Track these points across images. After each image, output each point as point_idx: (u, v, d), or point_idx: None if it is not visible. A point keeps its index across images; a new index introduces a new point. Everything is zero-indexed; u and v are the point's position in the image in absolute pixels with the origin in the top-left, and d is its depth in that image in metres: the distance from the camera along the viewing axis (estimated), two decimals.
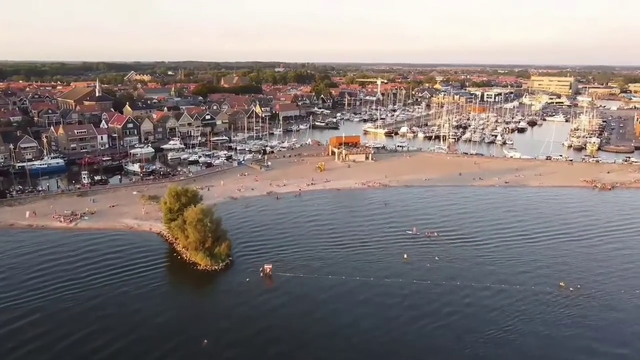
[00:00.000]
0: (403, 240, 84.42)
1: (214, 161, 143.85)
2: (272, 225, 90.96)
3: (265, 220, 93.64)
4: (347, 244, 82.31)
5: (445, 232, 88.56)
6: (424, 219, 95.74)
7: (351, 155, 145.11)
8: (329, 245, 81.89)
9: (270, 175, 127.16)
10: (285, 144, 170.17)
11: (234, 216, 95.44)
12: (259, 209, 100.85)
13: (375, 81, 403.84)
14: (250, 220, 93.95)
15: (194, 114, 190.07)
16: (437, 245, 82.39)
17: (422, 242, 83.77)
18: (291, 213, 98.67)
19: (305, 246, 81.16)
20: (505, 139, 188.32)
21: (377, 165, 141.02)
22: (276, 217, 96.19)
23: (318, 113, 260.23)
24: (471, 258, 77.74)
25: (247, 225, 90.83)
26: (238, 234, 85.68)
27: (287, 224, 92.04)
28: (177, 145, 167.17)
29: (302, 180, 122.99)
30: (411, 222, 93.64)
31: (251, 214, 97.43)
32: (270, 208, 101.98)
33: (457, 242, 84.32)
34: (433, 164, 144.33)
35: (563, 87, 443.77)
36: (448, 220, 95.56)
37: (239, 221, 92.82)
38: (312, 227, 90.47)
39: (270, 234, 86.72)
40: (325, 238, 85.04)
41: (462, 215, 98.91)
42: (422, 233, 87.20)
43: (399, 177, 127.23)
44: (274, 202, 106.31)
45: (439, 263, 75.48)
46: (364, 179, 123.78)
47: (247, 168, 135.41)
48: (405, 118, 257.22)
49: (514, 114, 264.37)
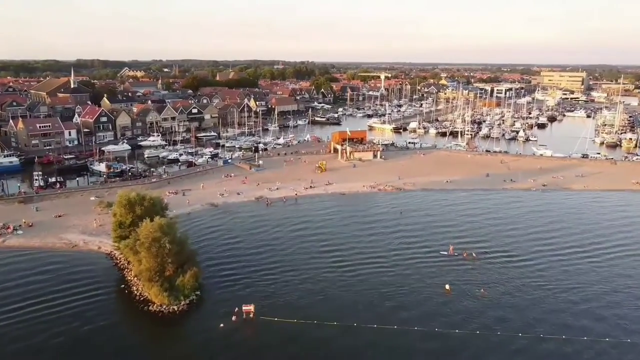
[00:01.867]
0: (434, 264, 63.73)
1: (196, 160, 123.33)
2: (259, 242, 70.34)
3: (250, 235, 73.06)
4: (358, 270, 61.66)
5: (485, 251, 67.99)
6: (453, 233, 75.19)
7: (357, 153, 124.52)
8: (334, 272, 61.25)
9: (262, 177, 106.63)
10: (281, 141, 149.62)
11: (210, 230, 74.86)
12: (244, 220, 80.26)
13: (379, 76, 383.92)
14: (230, 234, 73.31)
15: (179, 107, 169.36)
16: (482, 270, 61.78)
17: (460, 265, 63.14)
18: (284, 225, 78.09)
19: (301, 274, 60.53)
20: (528, 135, 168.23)
21: (388, 165, 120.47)
22: (265, 230, 75.60)
23: (318, 108, 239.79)
24: (536, 288, 57.01)
25: (226, 243, 70.19)
26: (212, 255, 65.17)
27: (278, 241, 71.42)
28: (158, 141, 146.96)
29: (299, 182, 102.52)
30: (437, 236, 73.16)
31: (233, 227, 76.81)
32: (258, 218, 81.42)
33: (507, 265, 63.60)
34: (452, 163, 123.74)
35: (574, 82, 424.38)
36: (484, 235, 74.98)
37: (215, 237, 72.22)
38: (310, 245, 69.89)
39: (255, 254, 66.08)
40: (329, 261, 64.39)
41: (500, 228, 78.30)
42: (459, 254, 66.60)
43: (414, 178, 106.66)
44: (263, 210, 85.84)
45: (499, 299, 54.72)
46: (372, 181, 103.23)
47: (235, 168, 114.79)
48: (413, 113, 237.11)
49: (531, 109, 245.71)
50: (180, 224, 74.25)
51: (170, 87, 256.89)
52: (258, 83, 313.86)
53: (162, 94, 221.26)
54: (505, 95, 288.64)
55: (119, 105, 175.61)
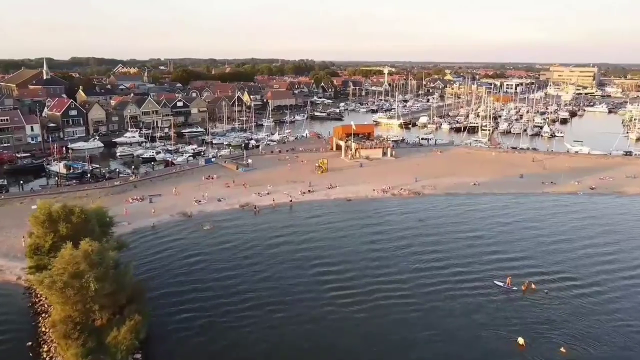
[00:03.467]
0: (484, 299, 45.72)
1: (175, 159, 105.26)
2: (239, 269, 52.33)
3: (228, 258, 55.03)
4: (372, 308, 43.68)
5: (542, 277, 49.98)
6: (492, 250, 57.32)
7: (364, 151, 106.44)
8: (338, 311, 43.27)
9: (250, 179, 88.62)
10: (276, 137, 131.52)
11: (176, 250, 56.82)
12: (223, 235, 62.21)
13: (381, 71, 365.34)
14: (202, 256, 55.26)
15: (162, 100, 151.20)
16: (547, 308, 43.73)
17: (521, 301, 45.10)
18: (274, 242, 60.12)
19: (293, 316, 42.56)
20: (553, 131, 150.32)
21: (400, 164, 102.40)
22: (249, 250, 57.57)
23: (318, 103, 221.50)
24: (620, 332, 39.17)
25: (195, 270, 52.09)
26: (172, 290, 47.20)
27: (264, 265, 53.38)
28: (136, 138, 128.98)
29: (295, 185, 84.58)
30: (471, 253, 55.18)
31: (206, 245, 58.72)
32: (241, 232, 63.40)
33: (575, 296, 45.48)
34: (476, 162, 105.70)
35: (586, 78, 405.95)
36: (531, 251, 57.03)
37: (181, 260, 54.14)
38: (307, 272, 51.92)
39: (232, 287, 48.11)
40: (331, 296, 46.40)
41: (549, 242, 60.33)
42: (517, 286, 48.51)
43: (434, 180, 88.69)
44: (249, 221, 67.83)
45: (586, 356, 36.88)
46: (384, 184, 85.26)
47: (219, 168, 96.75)
48: (421, 108, 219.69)
49: (547, 104, 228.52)
50: (137, 242, 56.49)
51: (158, 80, 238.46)
52: (255, 78, 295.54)
53: (147, 87, 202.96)
54: (515, 90, 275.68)
55: (96, 98, 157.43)
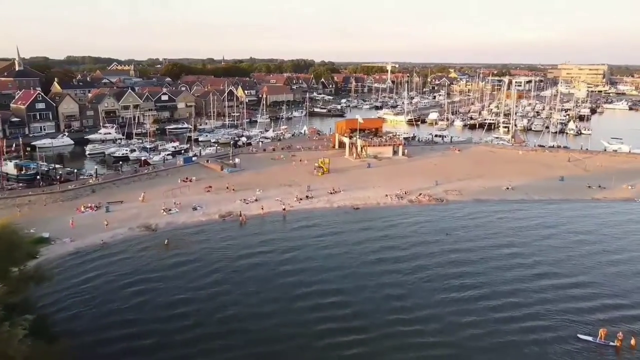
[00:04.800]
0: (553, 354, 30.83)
1: (151, 158, 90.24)
2: (197, 302, 37.26)
3: (186, 288, 39.93)
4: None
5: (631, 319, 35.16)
6: (547, 278, 42.45)
7: (371, 148, 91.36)
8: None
9: (237, 181, 73.57)
10: (270, 134, 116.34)
11: (118, 280, 41.61)
12: (190, 255, 47.05)
13: (384, 68, 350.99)
14: (150, 287, 40.15)
15: (145, 93, 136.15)
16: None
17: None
18: (256, 263, 45.03)
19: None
20: (579, 128, 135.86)
21: (415, 165, 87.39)
22: (219, 274, 42.49)
23: (318, 99, 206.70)
24: None
25: (134, 307, 36.99)
26: (97, 339, 32.09)
27: (237, 298, 38.31)
28: (112, 134, 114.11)
29: (291, 189, 69.60)
30: (524, 285, 40.21)
31: (161, 271, 43.54)
32: (216, 250, 48.29)
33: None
34: (502, 161, 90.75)
35: (595, 76, 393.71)
36: (610, 284, 42.05)
37: (121, 294, 39.00)
38: (297, 304, 36.84)
39: (182, 332, 33.04)
40: (334, 349, 31.37)
41: (620, 264, 45.41)
42: (606, 339, 33.53)
43: (457, 183, 73.72)
44: (231, 235, 52.77)
45: None
46: (398, 188, 70.20)
47: (200, 169, 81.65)
48: (428, 105, 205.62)
49: (562, 101, 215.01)
50: (73, 267, 41.70)
51: (146, 74, 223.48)
52: (251, 74, 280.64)
53: (133, 81, 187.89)
54: (524, 88, 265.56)
55: (72, 91, 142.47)
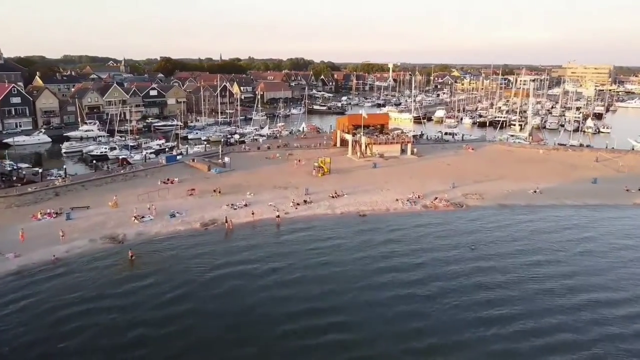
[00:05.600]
0: None
1: (132, 156, 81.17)
2: (171, 346, 28.17)
3: (152, 325, 30.83)
4: None
5: None
6: (604, 306, 33.47)
7: (377, 147, 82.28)
8: None
9: (225, 183, 64.49)
10: (265, 131, 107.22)
11: (63, 308, 32.54)
12: (163, 273, 37.94)
13: (384, 67, 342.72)
14: (95, 320, 31.06)
15: (132, 88, 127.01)
16: None
17: None
18: (242, 289, 35.98)
19: None
20: (598, 126, 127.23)
21: (426, 164, 78.30)
22: (200, 299, 33.44)
23: (317, 96, 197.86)
24: None
25: (66, 351, 27.90)
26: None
27: (221, 337, 29.25)
28: (95, 131, 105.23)
29: (286, 192, 60.56)
30: (574, 316, 31.19)
31: (123, 298, 34.52)
32: (194, 268, 39.18)
33: None
34: (522, 161, 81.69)
35: (601, 75, 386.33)
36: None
37: (63, 335, 29.85)
38: (285, 342, 27.85)
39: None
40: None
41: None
42: None
43: (476, 186, 64.73)
44: (212, 248, 43.67)
45: None
46: (409, 191, 61.17)
47: (185, 168, 72.51)
48: (433, 103, 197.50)
49: (571, 99, 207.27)
50: (9, 291, 32.75)
51: (138, 70, 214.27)
52: (248, 71, 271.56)
53: (123, 77, 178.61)
54: (530, 86, 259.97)
55: (55, 86, 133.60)
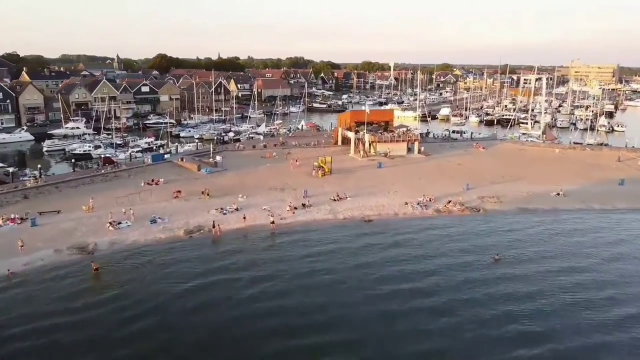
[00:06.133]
0: None
1: (117, 155, 75.23)
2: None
3: (108, 350, 24.93)
4: None
5: None
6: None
7: (381, 145, 76.26)
8: None
9: (216, 184, 58.49)
10: (262, 129, 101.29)
11: (7, 334, 26.57)
12: (131, 291, 31.93)
13: (385, 65, 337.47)
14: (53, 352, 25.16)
15: (122, 84, 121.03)
16: None
17: None
18: (221, 309, 29.93)
19: None
20: (612, 125, 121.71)
21: (435, 164, 72.22)
22: (171, 324, 27.42)
23: (317, 94, 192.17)
24: None
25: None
26: None
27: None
28: (81, 129, 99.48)
29: (283, 195, 54.57)
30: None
31: (78, 315, 28.52)
32: (169, 284, 33.16)
33: None
34: (538, 161, 75.72)
35: (605, 74, 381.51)
36: None
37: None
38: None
39: None
40: None
41: None
42: None
43: (492, 188, 58.75)
44: (195, 259, 37.64)
45: None
46: (419, 193, 55.16)
47: (172, 168, 66.47)
48: (436, 101, 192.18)
49: (579, 98, 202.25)
50: None
51: (131, 67, 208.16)
52: (246, 69, 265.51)
53: (116, 73, 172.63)
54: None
55: (43, 82, 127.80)
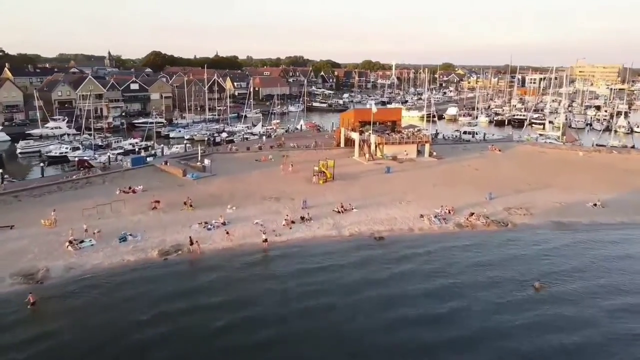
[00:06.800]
0: None
1: (95, 158, 67.95)
2: None
3: None
4: None
5: None
6: None
7: (389, 147, 68.92)
8: None
9: (201, 193, 51.08)
10: (257, 129, 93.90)
11: None
12: (75, 325, 24.55)
13: (385, 65, 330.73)
14: None
15: (110, 81, 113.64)
16: None
17: None
18: (189, 347, 22.62)
19: None
20: (632, 126, 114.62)
21: (448, 169, 64.78)
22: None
23: (317, 93, 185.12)
24: None
25: None
26: None
27: None
28: (63, 128, 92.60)
29: (279, 205, 47.14)
30: None
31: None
32: (125, 318, 25.81)
33: None
34: (563, 165, 68.32)
35: (610, 74, 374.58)
36: None
37: None
38: None
39: None
40: None
41: None
42: None
43: (517, 197, 51.36)
44: (167, 289, 30.26)
45: None
46: (435, 203, 47.77)
47: (154, 173, 58.99)
48: (441, 101, 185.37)
49: (587, 97, 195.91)
50: None
51: (124, 64, 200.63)
52: (243, 67, 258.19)
53: (107, 71, 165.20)
54: (539, 85, 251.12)
55: (26, 79, 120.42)
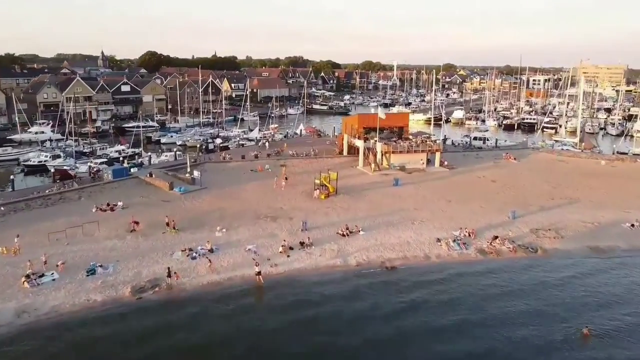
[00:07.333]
0: None
1: (77, 167, 62.25)
2: None
3: None
4: None
5: None
6: None
7: (396, 156, 63.19)
8: None
9: (188, 211, 45.38)
10: (254, 134, 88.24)
11: None
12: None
13: (386, 66, 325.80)
14: None
15: (99, 82, 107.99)
16: None
17: None
18: None
19: None
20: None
21: (462, 181, 59.07)
22: None
23: (317, 95, 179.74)
24: None
25: None
26: None
27: None
28: (47, 133, 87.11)
29: (275, 226, 41.39)
30: None
31: None
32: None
33: None
34: (587, 176, 62.56)
35: (614, 75, 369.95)
36: None
37: None
38: None
39: None
40: None
41: None
42: None
43: (543, 215, 45.68)
44: (131, 341, 24.61)
45: None
46: (453, 224, 42.14)
47: (138, 186, 53.25)
48: (445, 103, 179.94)
49: (595, 99, 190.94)
50: None
51: (118, 65, 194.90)
52: (242, 68, 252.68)
53: (100, 72, 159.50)
54: (543, 87, 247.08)
55: (13, 80, 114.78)
